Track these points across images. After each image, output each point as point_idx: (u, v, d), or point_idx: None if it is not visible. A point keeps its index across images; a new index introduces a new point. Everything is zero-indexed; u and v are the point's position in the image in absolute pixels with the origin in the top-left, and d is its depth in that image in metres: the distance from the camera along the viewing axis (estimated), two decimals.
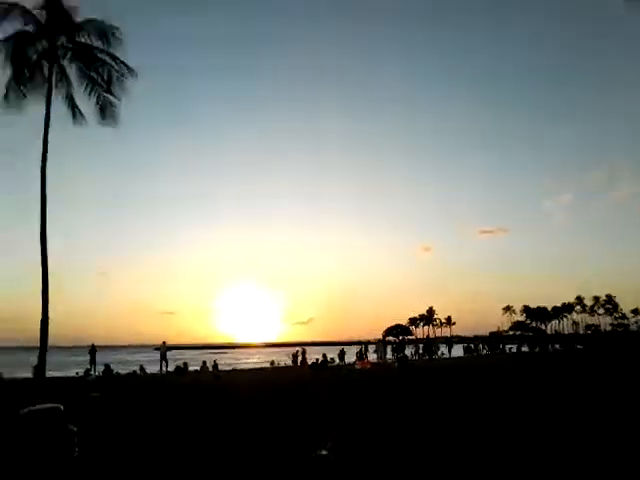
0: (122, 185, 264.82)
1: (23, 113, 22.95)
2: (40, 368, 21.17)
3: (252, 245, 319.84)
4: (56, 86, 23.14)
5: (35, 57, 22.76)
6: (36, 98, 22.98)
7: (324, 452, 6.84)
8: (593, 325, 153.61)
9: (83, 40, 23.40)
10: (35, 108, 23.13)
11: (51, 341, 21.82)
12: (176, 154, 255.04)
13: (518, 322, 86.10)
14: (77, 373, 30.96)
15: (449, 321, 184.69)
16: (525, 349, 57.82)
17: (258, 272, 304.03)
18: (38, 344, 21.55)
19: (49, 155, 21.66)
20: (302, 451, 7.52)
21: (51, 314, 21.19)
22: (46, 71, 22.89)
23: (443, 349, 51.92)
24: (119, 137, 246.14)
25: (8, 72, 22.31)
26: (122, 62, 23.36)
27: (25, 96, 22.61)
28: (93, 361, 31.48)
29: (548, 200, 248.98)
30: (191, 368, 35.55)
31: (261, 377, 29.27)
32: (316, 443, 7.48)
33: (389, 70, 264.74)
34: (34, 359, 22.97)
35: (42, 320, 21.30)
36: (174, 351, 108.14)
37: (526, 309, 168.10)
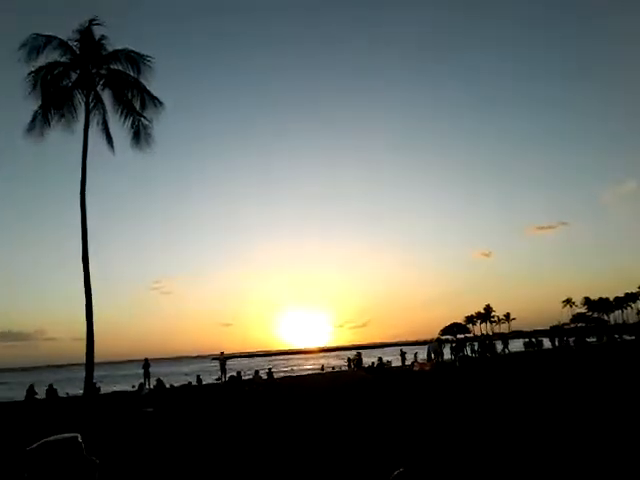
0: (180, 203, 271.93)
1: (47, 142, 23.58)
2: (89, 385, 21.08)
3: (309, 252, 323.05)
4: (92, 112, 23.58)
5: (69, 85, 23.27)
6: (63, 127, 23.55)
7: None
8: None
9: (116, 67, 23.91)
10: (60, 135, 23.63)
11: (115, 356, 21.96)
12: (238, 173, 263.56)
13: (578, 314, 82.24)
14: (133, 386, 31.34)
15: (508, 317, 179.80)
16: (593, 339, 55.24)
17: (315, 280, 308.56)
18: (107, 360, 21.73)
19: (106, 177, 22.20)
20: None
21: (115, 330, 21.48)
22: (79, 100, 23.45)
23: (499, 345, 49.78)
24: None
25: (37, 101, 22.83)
26: (148, 92, 23.92)
27: (50, 125, 22.95)
28: (147, 375, 31.65)
29: (607, 190, 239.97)
30: (247, 377, 35.23)
31: (314, 383, 28.63)
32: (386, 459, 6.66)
33: (445, 70, 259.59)
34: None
35: (87, 338, 21.33)
36: (233, 360, 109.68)
37: (587, 301, 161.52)
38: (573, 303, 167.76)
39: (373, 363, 38.19)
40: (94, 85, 23.56)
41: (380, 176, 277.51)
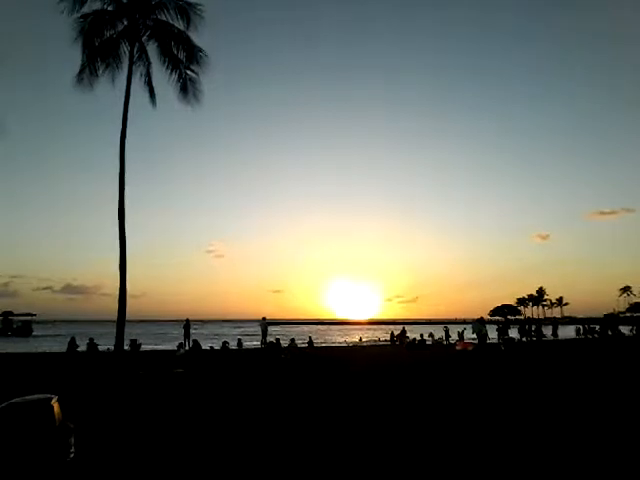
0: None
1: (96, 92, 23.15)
2: (119, 342, 21.25)
3: (360, 227, 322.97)
4: (135, 64, 23.00)
5: (114, 35, 22.69)
6: (109, 78, 22.94)
7: None
8: None
9: (164, 18, 23.14)
10: (108, 87, 23.16)
11: (167, 314, 21.94)
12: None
13: (636, 303, 78.73)
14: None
15: (560, 302, 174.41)
16: None
17: (367, 253, 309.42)
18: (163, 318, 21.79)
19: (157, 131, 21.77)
20: None
21: (173, 289, 21.32)
22: (124, 50, 22.80)
23: (547, 330, 47.99)
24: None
25: (84, 51, 22.21)
26: (196, 45, 23.14)
27: (98, 75, 22.61)
28: (187, 335, 31.93)
29: None
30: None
31: (352, 355, 28.30)
32: None
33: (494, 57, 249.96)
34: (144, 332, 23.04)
35: (120, 295, 21.40)
36: (279, 326, 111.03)
37: None
38: (631, 292, 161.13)
39: (414, 339, 37.51)
40: (139, 36, 22.96)
41: (441, 156, 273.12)
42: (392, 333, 47.50)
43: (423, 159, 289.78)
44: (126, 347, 28.87)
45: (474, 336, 39.11)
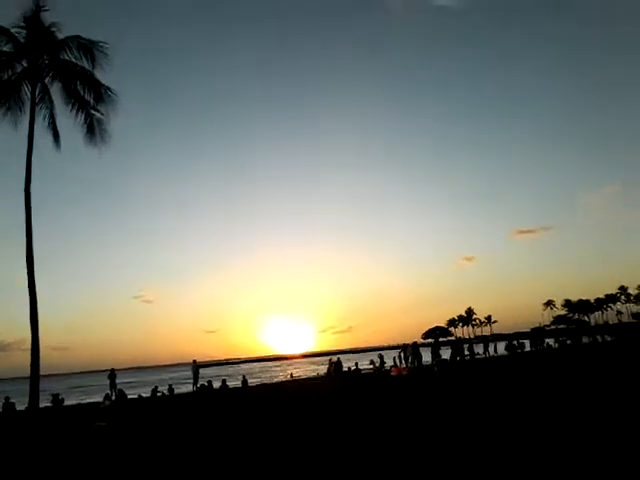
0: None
1: None
2: (33, 399, 19.86)
3: (292, 260, 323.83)
4: (38, 106, 22.12)
5: (13, 78, 21.78)
6: (10, 121, 21.99)
7: None
8: None
9: (67, 57, 22.40)
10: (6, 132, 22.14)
11: (97, 365, 20.70)
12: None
13: (559, 316, 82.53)
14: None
15: (489, 320, 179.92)
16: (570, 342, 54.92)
17: (299, 286, 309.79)
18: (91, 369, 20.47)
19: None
20: None
21: (102, 339, 20.19)
22: (25, 92, 21.92)
23: (479, 349, 49.03)
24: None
25: None
26: (102, 84, 22.56)
27: None
28: (113, 385, 30.18)
29: (588, 193, 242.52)
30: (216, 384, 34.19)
31: (289, 390, 27.76)
32: None
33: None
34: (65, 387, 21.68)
35: (32, 348, 20.15)
36: (213, 367, 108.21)
37: (567, 303, 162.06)
38: (554, 305, 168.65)
39: (349, 368, 37.37)
40: (41, 77, 22.09)
41: (363, 181, 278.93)
42: (330, 362, 47.29)
43: (354, 188, 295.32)
44: (47, 403, 27.20)
45: (408, 360, 39.67)
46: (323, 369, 49.05)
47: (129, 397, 27.92)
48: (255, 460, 8.82)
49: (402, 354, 41.56)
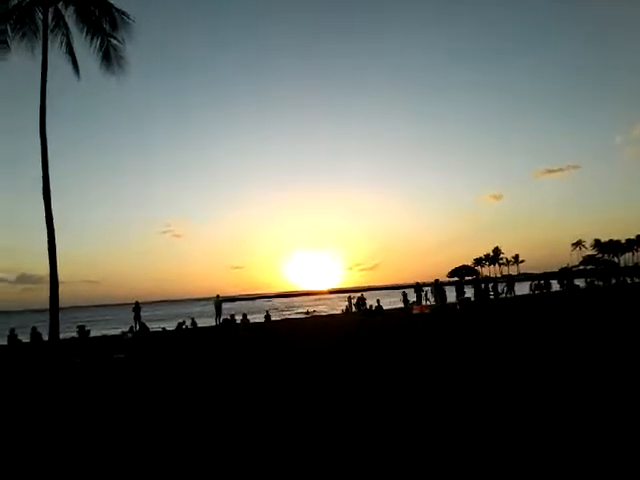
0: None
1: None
2: (54, 330, 20.07)
3: (322, 198, 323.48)
4: (53, 32, 21.29)
5: (24, 2, 20.81)
6: (25, 48, 21.16)
7: None
8: None
9: None
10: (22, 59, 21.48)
11: (127, 298, 20.79)
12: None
13: (588, 256, 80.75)
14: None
15: (517, 259, 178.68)
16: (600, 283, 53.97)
17: (328, 223, 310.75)
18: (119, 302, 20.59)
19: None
20: None
21: (130, 273, 20.14)
22: (38, 18, 20.97)
23: (503, 287, 48.30)
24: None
25: None
26: (117, 9, 21.48)
27: (9, 48, 20.92)
28: (138, 318, 30.67)
29: (619, 133, 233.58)
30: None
31: (307, 325, 27.99)
32: None
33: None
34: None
35: (51, 279, 20.21)
36: (240, 302, 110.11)
37: (597, 243, 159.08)
38: (583, 245, 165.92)
39: (371, 306, 37.33)
40: (53, 1, 21.02)
41: (389, 124, 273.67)
42: (349, 299, 47.52)
43: (386, 129, 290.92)
44: (74, 334, 27.83)
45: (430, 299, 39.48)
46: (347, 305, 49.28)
47: (153, 330, 28.38)
48: (262, 399, 8.64)
49: (422, 293, 41.41)
